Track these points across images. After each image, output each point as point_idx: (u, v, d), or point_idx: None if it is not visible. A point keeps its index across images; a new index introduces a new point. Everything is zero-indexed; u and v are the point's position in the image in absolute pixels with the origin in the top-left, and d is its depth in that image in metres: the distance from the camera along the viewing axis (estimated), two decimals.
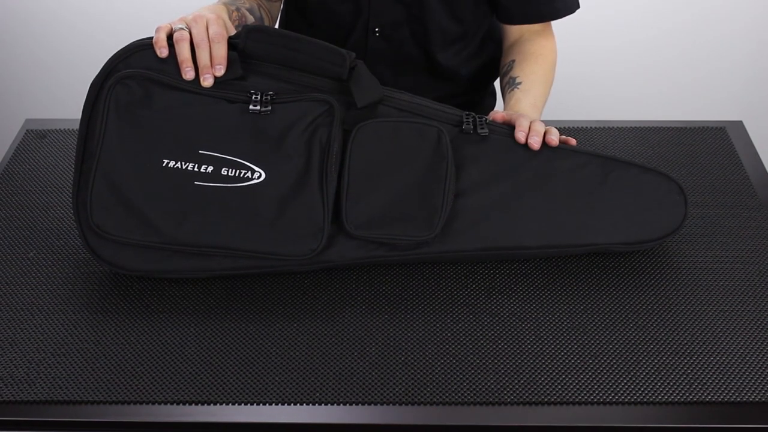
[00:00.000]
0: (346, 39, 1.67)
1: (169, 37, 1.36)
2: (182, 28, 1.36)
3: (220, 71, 1.33)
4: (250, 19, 1.58)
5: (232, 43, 1.35)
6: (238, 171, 1.31)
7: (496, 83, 1.83)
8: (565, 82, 2.75)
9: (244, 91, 1.34)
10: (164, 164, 1.31)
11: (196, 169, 1.31)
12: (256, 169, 1.32)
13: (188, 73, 1.33)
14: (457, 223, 1.35)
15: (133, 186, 1.31)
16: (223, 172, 1.31)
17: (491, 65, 1.78)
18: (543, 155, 1.38)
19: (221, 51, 1.33)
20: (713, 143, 1.66)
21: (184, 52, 1.33)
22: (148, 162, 1.31)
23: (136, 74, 1.33)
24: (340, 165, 1.33)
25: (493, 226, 1.36)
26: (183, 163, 1.31)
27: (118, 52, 1.35)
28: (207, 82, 1.33)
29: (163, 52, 1.34)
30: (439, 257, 1.38)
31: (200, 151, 1.31)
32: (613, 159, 1.40)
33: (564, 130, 1.68)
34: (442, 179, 1.34)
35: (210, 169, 1.31)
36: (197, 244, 1.32)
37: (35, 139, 1.68)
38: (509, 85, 1.61)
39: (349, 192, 1.33)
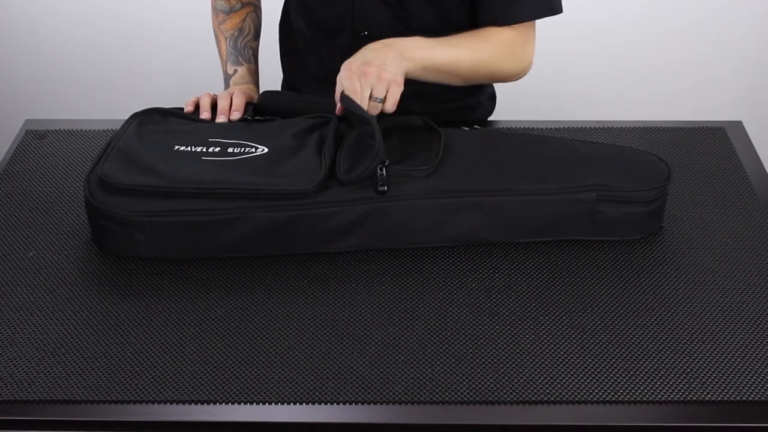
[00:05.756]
0: (334, 42, 1.66)
1: (196, 107, 1.56)
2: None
3: (236, 115, 1.53)
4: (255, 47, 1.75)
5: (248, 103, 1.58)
6: (242, 148, 1.42)
7: (498, 86, 1.82)
8: (565, 82, 2.76)
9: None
10: (175, 148, 1.42)
11: (204, 149, 1.42)
12: (260, 146, 1.43)
13: (205, 116, 1.54)
14: (445, 170, 1.41)
15: (144, 156, 1.41)
16: (229, 150, 1.42)
17: None
18: (523, 138, 1.52)
19: (240, 102, 1.54)
20: (713, 143, 1.66)
21: (204, 103, 1.55)
22: (160, 146, 1.43)
23: (159, 110, 1.54)
24: (336, 149, 1.43)
25: (481, 171, 1.41)
26: (193, 147, 1.43)
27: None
28: (220, 119, 1.52)
29: (188, 108, 1.55)
30: (431, 207, 1.38)
31: (209, 139, 1.44)
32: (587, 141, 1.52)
33: (565, 130, 1.68)
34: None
35: (217, 149, 1.42)
36: (199, 181, 1.35)
37: (35, 139, 1.68)
38: None
39: (342, 157, 1.40)
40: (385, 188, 1.36)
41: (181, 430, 1.19)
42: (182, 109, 1.57)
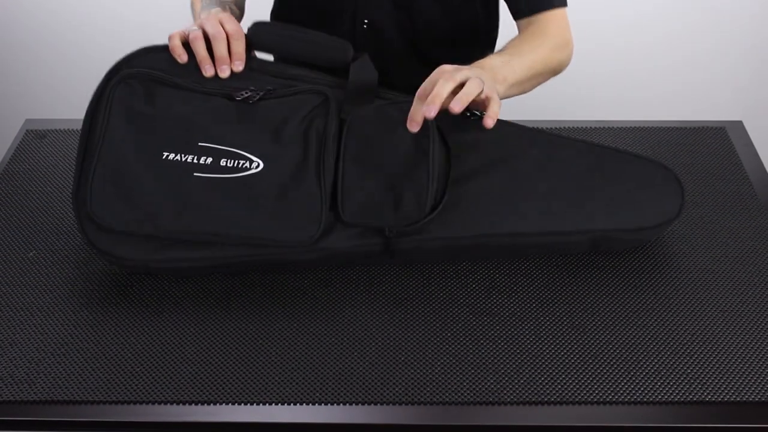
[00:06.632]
0: (332, 30, 1.64)
1: (185, 44, 1.39)
2: (195, 30, 1.39)
3: (239, 67, 1.38)
4: (237, 13, 1.60)
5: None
6: (236, 161, 1.33)
7: None
8: (565, 82, 2.75)
9: (244, 87, 1.38)
10: (164, 156, 1.32)
11: (195, 160, 1.33)
12: (255, 159, 1.33)
13: (208, 71, 1.37)
14: (453, 209, 1.36)
15: (132, 178, 1.32)
16: (222, 162, 1.33)
17: None
18: (542, 143, 1.41)
19: (240, 47, 1.38)
20: (713, 143, 1.66)
21: (201, 51, 1.37)
22: (147, 154, 1.32)
23: (139, 73, 1.37)
24: (336, 152, 1.36)
25: (489, 212, 1.37)
26: (182, 155, 1.33)
27: (124, 56, 1.40)
28: (224, 73, 1.37)
29: (182, 58, 1.38)
30: (437, 248, 1.36)
31: (199, 143, 1.33)
32: (609, 148, 1.43)
33: (564, 130, 1.68)
34: (426, 155, 1.35)
35: (209, 160, 1.33)
36: (196, 232, 1.31)
37: (35, 139, 1.68)
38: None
39: (344, 180, 1.34)
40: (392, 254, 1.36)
41: (181, 431, 1.19)
42: (167, 50, 1.39)
